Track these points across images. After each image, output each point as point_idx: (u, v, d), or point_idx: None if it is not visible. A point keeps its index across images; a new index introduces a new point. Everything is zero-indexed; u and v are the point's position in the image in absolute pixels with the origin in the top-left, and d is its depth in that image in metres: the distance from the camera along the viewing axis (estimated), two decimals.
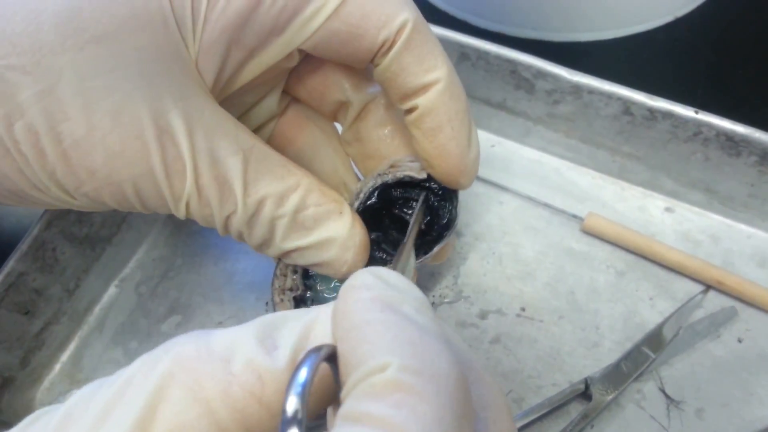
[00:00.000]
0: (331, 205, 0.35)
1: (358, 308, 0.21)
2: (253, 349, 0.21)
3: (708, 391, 0.42)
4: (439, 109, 0.34)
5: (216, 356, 0.21)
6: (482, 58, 0.49)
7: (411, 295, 0.22)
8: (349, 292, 0.22)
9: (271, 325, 0.22)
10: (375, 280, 0.22)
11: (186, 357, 0.21)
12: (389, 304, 0.21)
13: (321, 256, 0.35)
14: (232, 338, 0.22)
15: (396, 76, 0.34)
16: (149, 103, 0.30)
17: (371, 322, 0.20)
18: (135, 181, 0.30)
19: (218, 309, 0.47)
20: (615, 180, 0.51)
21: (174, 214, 0.33)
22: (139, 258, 0.50)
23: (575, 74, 0.47)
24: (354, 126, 0.39)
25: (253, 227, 0.33)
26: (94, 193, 0.31)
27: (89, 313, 0.48)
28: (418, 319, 0.21)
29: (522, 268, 0.48)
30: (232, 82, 0.34)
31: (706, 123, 0.45)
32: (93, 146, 0.29)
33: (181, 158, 0.30)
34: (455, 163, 0.35)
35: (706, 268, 0.46)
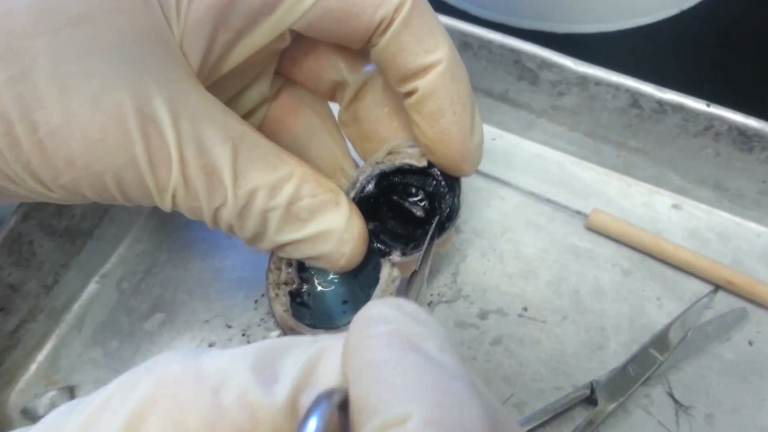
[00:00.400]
0: (327, 195, 0.33)
1: (375, 345, 0.18)
2: (249, 379, 0.19)
3: (718, 396, 0.41)
4: (440, 92, 0.32)
5: (205, 382, 0.19)
6: (485, 47, 0.47)
7: (434, 331, 0.20)
8: (364, 325, 0.19)
9: (271, 353, 0.20)
10: (393, 312, 0.20)
11: (171, 379, 0.19)
12: (410, 341, 0.18)
13: (317, 250, 0.33)
14: (225, 363, 0.19)
15: (394, 57, 0.32)
16: (131, 88, 0.28)
17: (389, 361, 0.18)
18: (116, 172, 0.29)
19: (205, 307, 0.45)
20: (620, 175, 0.49)
21: (159, 206, 0.31)
22: (122, 253, 0.48)
23: (581, 65, 0.45)
24: (351, 107, 0.37)
25: (245, 220, 0.31)
26: (73, 185, 0.29)
27: (68, 311, 0.46)
28: (444, 360, 0.18)
29: (524, 266, 0.46)
30: (219, 65, 0.32)
31: (718, 117, 0.43)
32: (71, 135, 0.27)
33: (166, 147, 0.28)
34: (457, 148, 0.34)
35: (715, 267, 0.44)
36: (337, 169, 0.40)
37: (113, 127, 0.28)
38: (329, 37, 0.33)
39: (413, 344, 0.18)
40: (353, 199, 0.37)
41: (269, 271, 0.38)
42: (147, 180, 0.29)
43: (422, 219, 0.38)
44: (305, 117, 0.39)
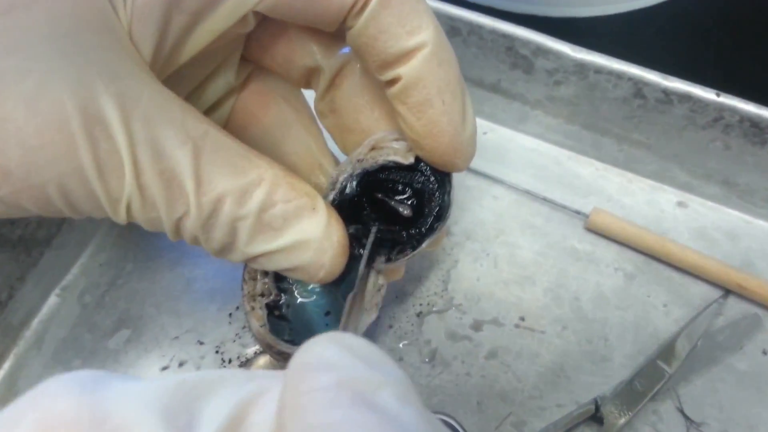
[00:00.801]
0: (303, 200, 0.29)
1: (316, 403, 0.15)
2: (158, 428, 0.15)
3: (732, 410, 0.38)
4: (426, 79, 0.28)
5: (104, 427, 0.15)
6: (475, 33, 0.43)
7: (389, 376, 0.16)
8: (302, 375, 0.16)
9: (192, 393, 0.17)
10: (339, 355, 0.16)
11: (59, 420, 0.15)
12: (362, 394, 0.15)
13: (293, 261, 0.30)
14: (131, 403, 0.16)
15: (373, 40, 0.28)
16: (72, 86, 0.24)
17: (336, 426, 0.14)
18: (60, 183, 0.25)
19: (174, 322, 0.41)
20: (622, 171, 0.46)
21: (112, 218, 0.27)
22: (83, 263, 0.44)
23: (580, 51, 0.41)
24: (328, 95, 0.34)
25: (211, 231, 0.28)
26: (12, 198, 0.25)
27: (26, 328, 0.42)
28: (403, 417, 0.15)
29: (520, 272, 0.42)
30: (175, 54, 0.28)
31: (728, 107, 0.40)
32: (5, 142, 0.24)
33: (116, 152, 0.25)
34: (448, 142, 0.30)
35: (724, 270, 0.41)
36: (315, 165, 0.36)
37: (53, 131, 0.24)
38: (298, 19, 0.29)
39: (365, 398, 0.15)
40: (333, 201, 0.33)
41: (244, 281, 0.35)
42: (96, 190, 0.26)
43: (409, 219, 0.34)
44: (277, 108, 0.35)
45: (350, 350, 0.17)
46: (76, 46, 0.25)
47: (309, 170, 0.36)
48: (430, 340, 0.40)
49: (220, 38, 0.29)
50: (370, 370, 0.16)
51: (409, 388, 0.16)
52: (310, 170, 0.36)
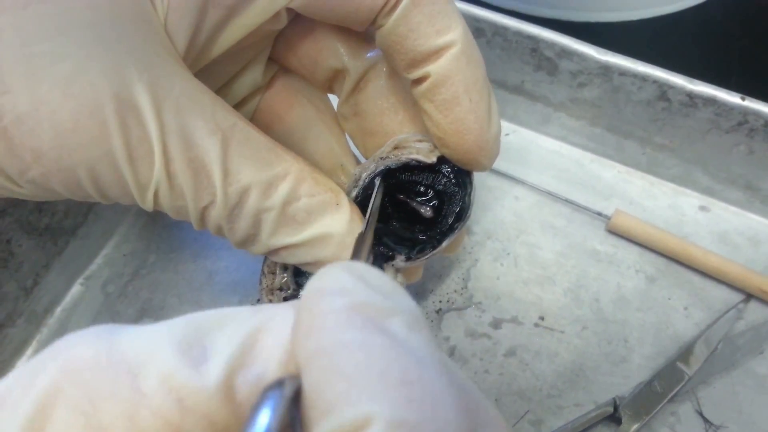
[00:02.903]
0: (327, 195, 0.30)
1: (330, 324, 0.15)
2: (173, 359, 0.16)
3: (751, 414, 0.38)
4: (454, 78, 0.29)
5: (121, 366, 0.16)
6: (499, 35, 0.43)
7: (401, 305, 0.17)
8: (317, 298, 0.16)
9: (201, 327, 0.17)
10: (353, 282, 0.17)
11: (79, 365, 0.16)
12: (373, 319, 0.16)
13: (315, 255, 0.30)
14: (146, 341, 0.16)
15: (403, 39, 0.28)
16: (108, 72, 0.25)
17: (348, 346, 0.15)
18: (91, 166, 0.26)
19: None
20: (644, 174, 0.46)
21: (140, 205, 0.28)
22: (108, 253, 0.44)
23: (605, 53, 0.42)
24: (352, 98, 0.34)
25: (236, 221, 0.28)
26: (42, 179, 0.26)
27: (49, 315, 0.43)
28: (413, 342, 0.16)
29: (540, 272, 0.43)
30: (208, 48, 0.29)
31: (753, 111, 0.40)
32: (39, 123, 0.24)
33: (147, 139, 0.25)
34: (474, 140, 0.30)
35: (746, 274, 0.41)
36: (336, 165, 0.36)
37: (87, 115, 0.25)
38: (330, 18, 0.29)
39: (376, 323, 0.16)
40: (355, 198, 0.33)
41: (262, 275, 0.35)
42: (126, 176, 0.26)
43: (430, 220, 0.35)
44: (301, 108, 0.36)
45: (362, 278, 0.17)
46: (113, 34, 0.25)
47: (331, 170, 0.36)
48: (449, 336, 0.40)
49: (252, 34, 0.29)
50: (381, 298, 0.16)
51: (418, 317, 0.17)
52: (332, 170, 0.36)
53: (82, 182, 0.26)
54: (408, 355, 0.15)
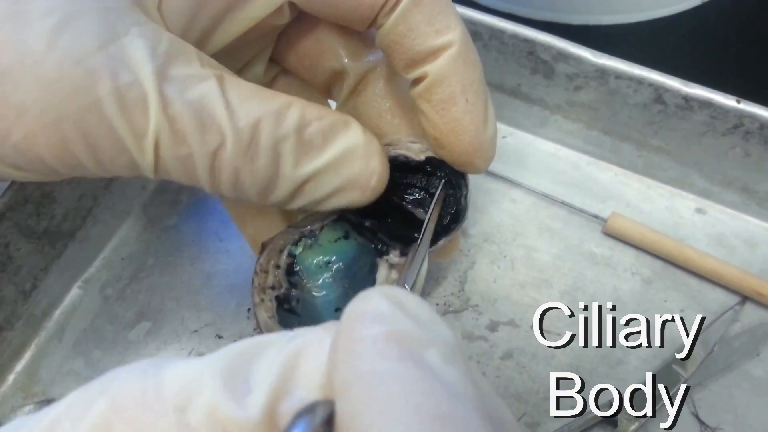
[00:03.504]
0: (334, 116, 0.29)
1: (367, 351, 0.15)
2: (218, 392, 0.16)
3: (747, 416, 0.38)
4: (451, 78, 0.29)
5: (168, 401, 0.16)
6: (496, 38, 0.44)
7: (438, 335, 0.17)
8: (355, 323, 0.16)
9: (242, 358, 0.17)
10: (391, 309, 0.17)
11: (128, 400, 0.16)
12: (410, 350, 0.16)
13: (344, 174, 0.29)
14: (190, 376, 0.17)
15: (402, 38, 0.29)
16: (96, 25, 0.25)
17: (383, 376, 0.15)
18: (78, 118, 0.25)
19: (194, 315, 0.42)
20: (641, 177, 0.46)
21: (139, 164, 0.26)
22: (106, 256, 0.45)
23: (601, 56, 0.42)
24: (350, 101, 0.34)
25: (255, 159, 0.27)
26: (26, 143, 0.25)
27: (48, 318, 0.43)
28: (449, 375, 0.15)
29: (537, 275, 0.43)
30: (207, 39, 0.29)
31: (749, 114, 0.40)
32: (22, 76, 0.24)
33: (139, 84, 0.25)
34: (470, 140, 0.30)
35: (742, 277, 0.41)
36: None
37: (72, 64, 0.24)
38: (332, 15, 0.30)
39: (413, 353, 0.16)
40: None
41: (255, 274, 0.34)
42: (117, 126, 0.25)
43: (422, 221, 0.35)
44: None
45: (401, 306, 0.17)
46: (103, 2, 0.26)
47: None
48: None
49: (254, 29, 0.30)
50: (419, 327, 0.16)
51: (456, 349, 0.17)
52: None
53: (70, 141, 0.25)
54: (443, 388, 0.15)
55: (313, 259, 0.35)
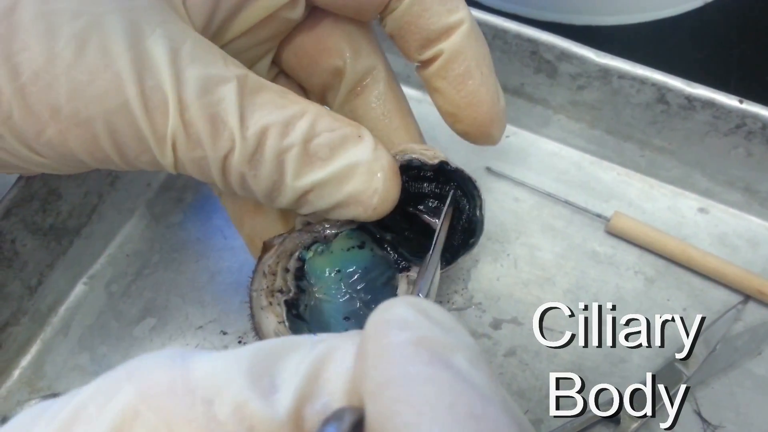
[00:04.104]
0: (347, 128, 0.30)
1: (398, 356, 0.16)
2: (246, 388, 0.16)
3: (749, 414, 0.38)
4: (467, 53, 0.31)
5: (196, 392, 0.16)
6: (499, 38, 0.44)
7: (462, 340, 0.17)
8: (384, 330, 0.17)
9: (269, 357, 0.18)
10: (417, 317, 0.17)
11: (156, 388, 0.16)
12: (438, 354, 0.16)
13: (345, 190, 0.30)
14: (218, 369, 0.17)
15: (417, 18, 0.31)
16: (122, 28, 0.26)
17: (417, 378, 0.15)
18: (107, 119, 0.26)
19: (198, 312, 0.42)
20: (643, 176, 0.46)
21: (159, 161, 0.28)
22: (111, 253, 0.45)
23: (604, 56, 0.42)
24: (348, 103, 0.35)
25: (258, 166, 0.28)
26: (60, 139, 0.26)
27: (53, 314, 0.43)
28: (475, 378, 0.16)
29: (540, 273, 0.43)
30: (225, 28, 0.30)
31: (751, 114, 0.40)
32: (55, 78, 0.25)
33: (161, 88, 0.26)
34: (487, 111, 0.32)
35: (745, 276, 0.41)
36: None
37: (102, 68, 0.25)
38: (345, 7, 0.31)
39: (442, 358, 0.16)
40: None
41: (261, 276, 0.34)
42: (142, 126, 0.26)
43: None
44: None
45: (425, 314, 0.17)
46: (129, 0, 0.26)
47: None
48: None
49: (269, 22, 0.30)
50: (444, 333, 0.17)
51: (479, 353, 0.17)
52: None
53: (100, 139, 0.26)
54: (474, 389, 0.15)
55: (323, 266, 0.35)
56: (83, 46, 0.25)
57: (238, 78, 0.27)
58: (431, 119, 0.34)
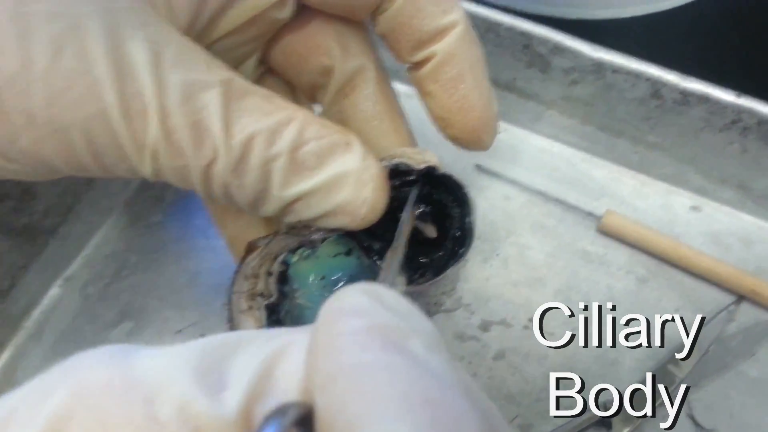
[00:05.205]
0: (336, 136, 0.28)
1: (350, 344, 0.15)
2: (191, 386, 0.15)
3: (742, 418, 0.37)
4: (460, 56, 0.30)
5: (137, 391, 0.15)
6: (491, 31, 0.43)
7: (419, 326, 0.17)
8: (335, 319, 0.16)
9: (218, 352, 0.16)
10: (370, 303, 0.16)
11: (92, 388, 0.15)
12: (393, 340, 0.15)
13: (333, 200, 0.29)
14: (161, 366, 0.16)
15: (411, 19, 0.29)
16: (101, 31, 0.24)
17: (369, 366, 0.14)
18: (85, 126, 0.25)
19: (178, 315, 0.41)
20: (636, 174, 0.45)
21: (139, 171, 0.27)
22: (88, 254, 0.43)
23: (598, 50, 0.41)
24: (337, 105, 0.33)
25: (243, 175, 0.27)
26: (35, 147, 0.25)
27: (26, 318, 0.42)
28: (433, 363, 0.15)
29: (530, 273, 0.42)
30: (211, 28, 0.28)
31: (747, 109, 0.39)
32: (30, 84, 0.24)
33: (141, 95, 0.25)
34: (478, 116, 0.31)
35: (738, 275, 0.41)
36: None
37: (79, 73, 0.24)
38: (336, 6, 0.30)
39: (396, 343, 0.15)
40: None
41: (243, 278, 0.32)
42: (121, 135, 0.25)
43: (433, 242, 0.33)
44: None
45: (380, 300, 0.17)
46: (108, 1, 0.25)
47: None
48: None
49: (253, 25, 0.29)
50: (399, 319, 0.16)
51: (437, 339, 0.17)
52: None
53: (76, 147, 0.25)
54: (430, 375, 0.15)
55: (307, 271, 0.33)
56: (60, 50, 0.24)
57: (222, 83, 0.26)
58: (422, 116, 0.32)
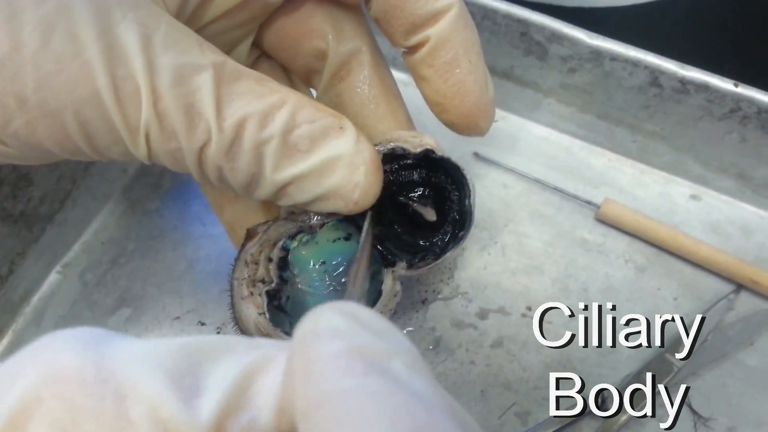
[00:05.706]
0: (329, 119, 0.28)
1: (329, 369, 0.15)
2: (164, 387, 0.15)
3: (741, 406, 0.37)
4: (454, 40, 0.29)
5: (108, 385, 0.15)
6: (488, 18, 0.42)
7: (397, 345, 0.16)
8: (312, 342, 0.15)
9: (197, 355, 0.16)
10: (346, 322, 0.16)
11: (63, 375, 0.15)
12: (374, 363, 0.15)
13: (325, 184, 0.28)
14: (137, 360, 0.15)
15: (403, 2, 0.29)
16: (91, 14, 0.24)
17: (352, 392, 0.14)
18: (77, 109, 0.25)
19: (175, 302, 0.41)
20: (635, 162, 0.45)
21: (133, 153, 0.27)
22: (86, 240, 0.43)
23: (596, 38, 0.41)
24: (333, 89, 0.33)
25: (236, 158, 0.27)
26: (27, 130, 0.25)
27: (25, 304, 0.42)
28: (415, 384, 0.15)
29: (528, 261, 0.42)
30: (201, 11, 0.28)
31: (746, 98, 0.39)
32: (21, 67, 0.24)
33: (133, 78, 0.25)
34: (474, 101, 0.31)
35: (737, 264, 0.40)
36: None
37: (70, 56, 0.24)
38: None
39: (378, 366, 0.15)
40: None
41: (243, 264, 0.33)
42: (114, 118, 0.25)
43: (433, 225, 0.33)
44: None
45: (356, 319, 0.16)
46: None
47: None
48: (434, 327, 0.40)
49: (246, 8, 0.29)
50: (378, 339, 0.16)
51: (417, 357, 0.16)
52: None
53: (69, 130, 0.25)
54: (415, 399, 0.14)
55: (307, 257, 0.33)
56: (50, 33, 0.24)
57: (214, 65, 0.26)
58: (419, 102, 0.32)
